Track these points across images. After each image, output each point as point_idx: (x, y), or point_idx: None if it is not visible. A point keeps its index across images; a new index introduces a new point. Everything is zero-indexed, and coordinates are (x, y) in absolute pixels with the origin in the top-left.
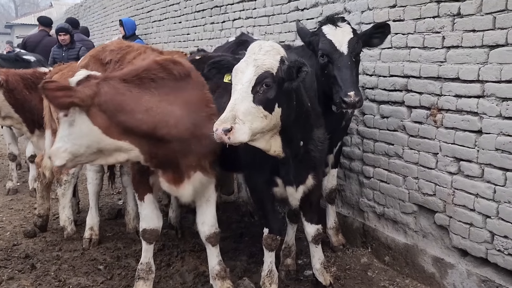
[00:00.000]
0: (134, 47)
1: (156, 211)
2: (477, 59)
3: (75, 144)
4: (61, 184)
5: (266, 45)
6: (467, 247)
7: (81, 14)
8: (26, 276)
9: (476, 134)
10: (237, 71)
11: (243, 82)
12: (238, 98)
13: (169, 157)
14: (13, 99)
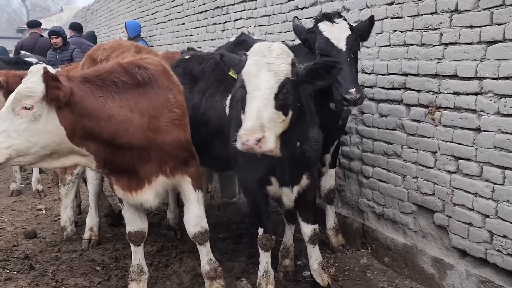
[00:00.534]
0: (122, 46)
1: (137, 213)
2: (474, 56)
3: (28, 142)
4: (65, 184)
5: (276, 47)
6: (466, 247)
7: (88, 17)
8: (24, 276)
9: (475, 132)
10: (249, 75)
11: (262, 89)
12: (262, 106)
13: (125, 164)
14: None
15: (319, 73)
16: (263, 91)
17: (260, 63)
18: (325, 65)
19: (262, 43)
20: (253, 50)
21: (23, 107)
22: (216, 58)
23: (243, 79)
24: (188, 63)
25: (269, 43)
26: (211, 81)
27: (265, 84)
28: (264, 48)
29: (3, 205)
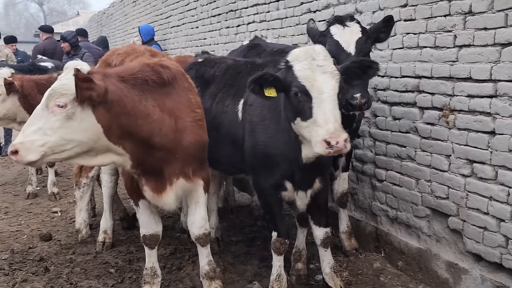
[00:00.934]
0: (136, 50)
1: (153, 216)
2: (489, 58)
3: (63, 139)
4: (80, 187)
5: (320, 50)
6: (481, 252)
7: (104, 22)
8: (39, 278)
9: (489, 135)
10: (309, 79)
11: (327, 91)
12: (333, 107)
13: (154, 165)
14: (28, 105)
15: (355, 72)
16: (329, 92)
17: (313, 66)
18: (361, 65)
19: (303, 48)
20: (297, 55)
21: (56, 104)
22: (227, 62)
23: (303, 84)
24: (200, 66)
25: (310, 47)
26: (221, 86)
27: (329, 86)
28: (310, 52)
29: (19, 208)
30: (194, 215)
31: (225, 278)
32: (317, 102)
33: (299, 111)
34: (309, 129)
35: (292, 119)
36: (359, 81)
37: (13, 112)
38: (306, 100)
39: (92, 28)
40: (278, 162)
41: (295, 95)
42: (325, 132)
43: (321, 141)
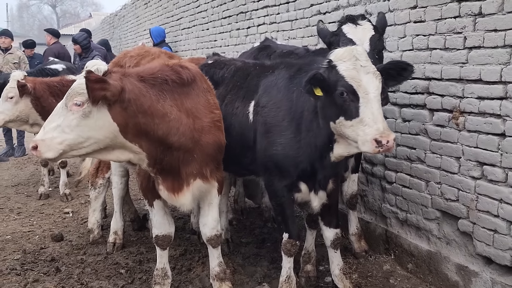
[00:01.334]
0: (150, 52)
1: (167, 217)
2: (499, 60)
3: (80, 137)
4: (96, 187)
5: (362, 50)
6: (492, 255)
7: (116, 23)
8: (50, 279)
9: (500, 137)
10: (355, 80)
11: (372, 91)
12: (379, 107)
13: (172, 164)
14: (40, 107)
15: (391, 74)
16: (375, 92)
17: (357, 67)
18: (397, 66)
19: (345, 48)
20: (341, 55)
21: (74, 103)
22: (236, 64)
23: (350, 84)
24: (210, 68)
25: (353, 47)
26: (230, 87)
27: (374, 86)
28: (353, 52)
29: (32, 208)
30: (207, 216)
31: (235, 280)
32: (364, 102)
33: (344, 110)
34: (354, 129)
35: (334, 118)
36: (394, 83)
37: (25, 114)
38: (352, 100)
39: (104, 30)
40: (297, 163)
41: (341, 94)
42: (374, 131)
43: (370, 140)
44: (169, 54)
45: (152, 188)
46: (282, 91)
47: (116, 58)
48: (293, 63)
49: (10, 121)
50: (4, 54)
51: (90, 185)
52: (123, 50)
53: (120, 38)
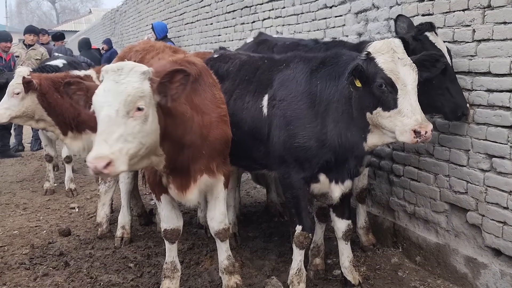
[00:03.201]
0: (155, 47)
1: (174, 211)
2: (509, 52)
3: (140, 143)
4: (106, 181)
5: (399, 43)
6: (501, 247)
7: (117, 19)
8: (59, 273)
9: (509, 129)
10: (394, 72)
11: (410, 83)
12: (416, 99)
13: (183, 163)
14: (45, 103)
15: (425, 66)
16: (412, 84)
17: (395, 59)
18: (431, 58)
19: (383, 41)
20: (379, 48)
21: (137, 108)
22: (241, 58)
23: (389, 77)
24: (215, 62)
25: (390, 40)
26: (238, 82)
27: (411, 78)
28: (390, 45)
29: (37, 204)
30: (214, 210)
31: (243, 273)
32: (403, 94)
33: (382, 101)
34: (391, 119)
35: (371, 109)
36: (427, 74)
37: (31, 110)
38: (391, 91)
39: (105, 26)
40: (321, 154)
41: (380, 86)
42: (414, 122)
43: (409, 130)
44: (174, 48)
45: (159, 182)
46: (303, 84)
47: (121, 53)
48: (309, 56)
49: (16, 116)
50: (27, 49)
51: (101, 179)
52: (128, 45)
53: (122, 33)
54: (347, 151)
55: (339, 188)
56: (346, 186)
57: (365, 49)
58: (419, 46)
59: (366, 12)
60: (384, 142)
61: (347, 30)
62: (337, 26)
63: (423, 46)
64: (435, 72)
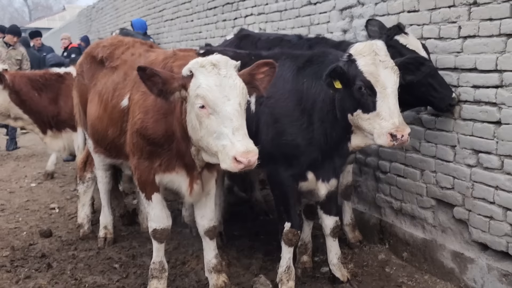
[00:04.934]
0: (123, 42)
1: (165, 210)
2: (494, 48)
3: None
4: (84, 181)
5: (381, 45)
6: (487, 241)
7: (93, 16)
8: (42, 275)
9: (495, 125)
10: (373, 75)
11: (390, 86)
12: (396, 102)
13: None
14: (19, 100)
15: (409, 68)
16: (392, 87)
17: (376, 62)
18: (416, 61)
19: (366, 43)
20: (360, 50)
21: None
22: (227, 54)
23: (368, 80)
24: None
25: (372, 42)
26: None
27: (391, 81)
28: (373, 47)
29: (16, 205)
30: (205, 207)
31: (231, 272)
32: (381, 97)
33: (361, 103)
34: (370, 122)
35: (351, 110)
36: (411, 77)
37: (4, 107)
38: (370, 94)
39: (81, 23)
40: (308, 152)
41: (359, 89)
42: (391, 125)
43: (386, 133)
44: (147, 43)
45: (152, 181)
46: (290, 82)
47: (88, 49)
48: (296, 54)
49: None
50: (7, 49)
51: (79, 179)
52: (95, 41)
53: (99, 31)
54: (333, 150)
55: (325, 187)
56: (331, 185)
57: (348, 50)
58: (392, 51)
59: (351, 8)
60: (367, 144)
61: (332, 27)
62: (321, 23)
63: (396, 51)
64: (419, 76)
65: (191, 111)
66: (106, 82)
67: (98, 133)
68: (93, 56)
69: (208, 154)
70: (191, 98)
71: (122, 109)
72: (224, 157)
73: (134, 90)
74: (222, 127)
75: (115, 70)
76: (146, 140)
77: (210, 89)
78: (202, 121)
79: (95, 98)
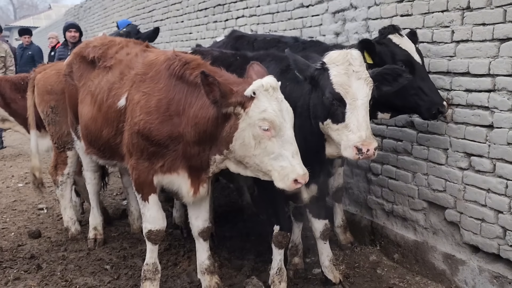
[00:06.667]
0: (115, 42)
1: (160, 211)
2: (487, 53)
3: None
4: (58, 185)
5: (357, 55)
6: (479, 243)
7: (81, 15)
8: (32, 276)
9: (487, 128)
10: (344, 86)
11: (360, 98)
12: (365, 115)
13: None
14: (3, 103)
15: (386, 79)
16: (363, 99)
17: (349, 72)
18: (394, 72)
19: (340, 51)
20: (334, 58)
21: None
22: (213, 54)
23: (337, 92)
24: None
25: (348, 51)
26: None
27: (363, 93)
28: (347, 57)
29: (3, 205)
30: (200, 208)
31: (223, 273)
32: (351, 109)
33: (331, 114)
34: (339, 133)
35: (322, 119)
36: (388, 88)
37: None
38: (339, 105)
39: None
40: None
41: (328, 99)
42: (357, 138)
43: (352, 146)
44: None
45: (150, 182)
46: None
47: (77, 49)
48: (281, 56)
49: None
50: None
51: (54, 184)
52: (84, 41)
53: (86, 31)
54: (312, 157)
55: (307, 191)
56: (311, 190)
57: (322, 57)
58: (384, 50)
59: (344, 12)
60: (340, 154)
61: (324, 30)
62: (314, 26)
63: (388, 49)
64: (396, 87)
65: (246, 130)
66: (100, 82)
67: (92, 133)
68: (83, 57)
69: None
70: (251, 119)
71: (118, 109)
72: (282, 177)
73: (133, 90)
74: (282, 150)
75: (109, 70)
76: (150, 141)
77: (277, 115)
78: (262, 142)
79: (87, 98)
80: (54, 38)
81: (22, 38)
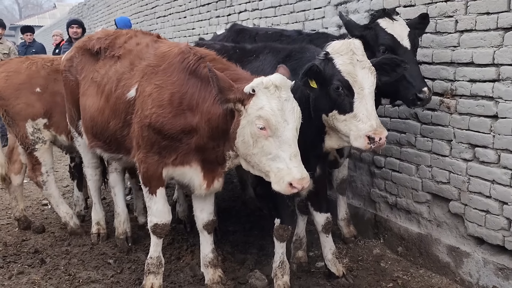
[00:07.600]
0: (122, 32)
1: (167, 205)
2: (491, 42)
3: None
4: (41, 185)
5: (358, 45)
6: (483, 235)
7: (84, 13)
8: (36, 270)
9: (492, 119)
10: (351, 75)
11: (367, 87)
12: (372, 103)
13: None
14: None
15: (384, 69)
16: (370, 88)
17: (354, 61)
18: (392, 62)
19: (343, 41)
20: (338, 48)
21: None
22: (214, 47)
23: (346, 79)
24: None
25: (350, 41)
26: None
27: (369, 81)
28: (350, 46)
29: (6, 201)
30: (205, 201)
31: (226, 267)
32: (359, 98)
33: (338, 104)
34: (346, 123)
35: (327, 111)
36: (386, 78)
37: None
38: (347, 95)
39: None
40: None
41: (336, 88)
42: (368, 127)
43: (363, 136)
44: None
45: (159, 176)
46: None
47: (79, 43)
48: (278, 48)
49: None
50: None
51: (37, 186)
52: (85, 36)
53: (90, 28)
54: (308, 150)
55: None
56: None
57: (324, 48)
58: (370, 34)
59: (346, 4)
60: (341, 146)
61: (327, 22)
62: (316, 18)
63: (373, 33)
64: (394, 77)
65: (246, 127)
66: (108, 72)
67: (98, 125)
68: (87, 49)
69: (251, 166)
70: (249, 116)
71: (127, 100)
72: (278, 180)
73: (144, 81)
74: (279, 151)
75: (118, 60)
76: (162, 135)
77: (274, 113)
78: (259, 141)
79: (91, 89)
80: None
81: (24, 35)
